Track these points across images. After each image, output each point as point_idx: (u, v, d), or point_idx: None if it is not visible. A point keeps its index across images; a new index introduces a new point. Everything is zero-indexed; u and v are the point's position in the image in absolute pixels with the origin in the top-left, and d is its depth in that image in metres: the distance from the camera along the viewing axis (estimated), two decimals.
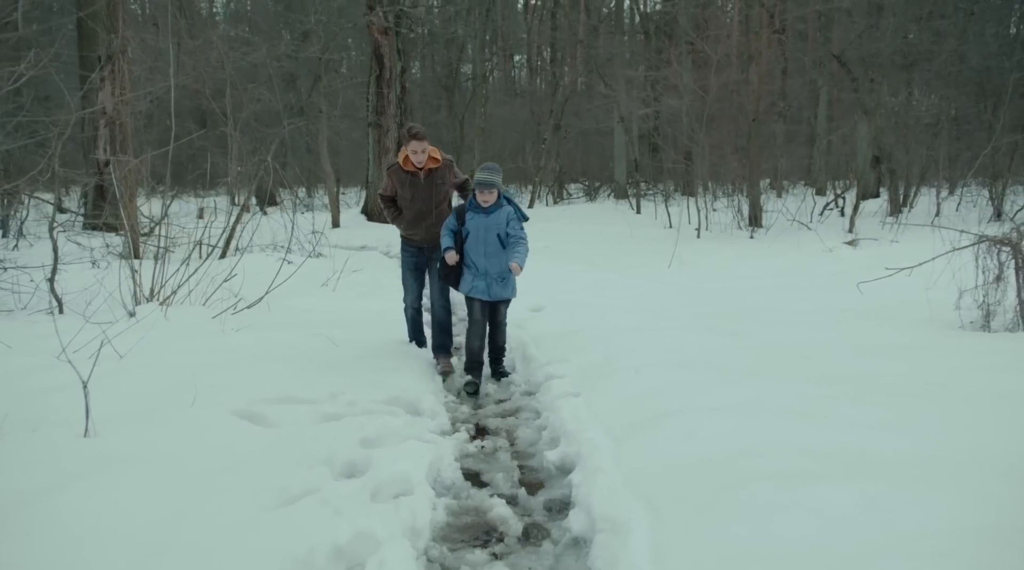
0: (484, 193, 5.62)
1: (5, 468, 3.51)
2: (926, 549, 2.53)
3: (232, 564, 2.76)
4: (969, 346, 5.71)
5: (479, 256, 5.72)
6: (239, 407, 4.54)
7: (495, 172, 5.66)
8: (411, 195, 5.99)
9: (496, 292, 5.78)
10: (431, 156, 5.92)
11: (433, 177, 6.01)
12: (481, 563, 3.14)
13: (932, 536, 2.62)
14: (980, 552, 2.52)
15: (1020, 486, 3.07)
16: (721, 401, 4.35)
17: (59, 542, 2.89)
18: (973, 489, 3.02)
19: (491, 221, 5.68)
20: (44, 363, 5.42)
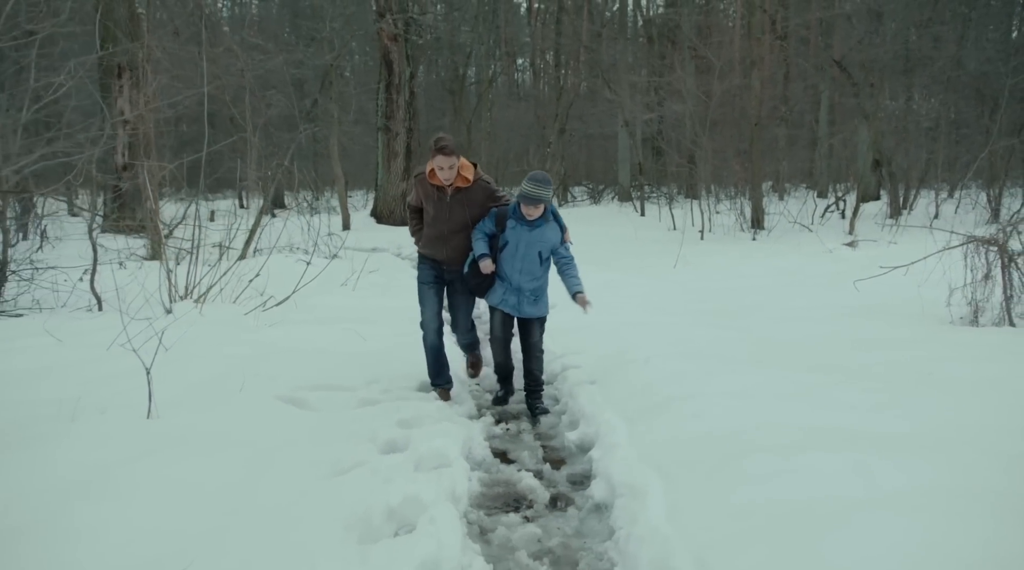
0: (530, 207, 4.96)
1: (83, 444, 3.91)
2: (905, 504, 2.93)
3: (302, 520, 3.17)
4: (957, 339, 6.12)
5: (514, 271, 5.14)
6: (283, 393, 4.96)
7: (546, 186, 4.96)
8: (433, 212, 5.17)
9: (527, 310, 5.23)
10: (461, 174, 5.02)
11: (462, 198, 5.09)
12: (515, 524, 3.54)
13: (910, 494, 3.02)
14: (951, 507, 2.91)
15: (993, 456, 3.46)
16: (726, 387, 4.75)
17: (140, 506, 3.28)
18: (951, 458, 3.42)
19: (535, 237, 5.08)
20: (96, 355, 5.84)
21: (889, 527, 2.76)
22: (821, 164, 26.01)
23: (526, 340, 5.35)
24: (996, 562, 2.52)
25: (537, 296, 5.26)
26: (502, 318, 5.33)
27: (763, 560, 2.69)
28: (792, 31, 25.75)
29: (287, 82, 17.37)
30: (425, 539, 3.02)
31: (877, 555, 2.59)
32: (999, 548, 2.59)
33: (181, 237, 12.29)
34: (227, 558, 2.84)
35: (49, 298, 8.10)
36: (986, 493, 3.04)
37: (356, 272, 10.19)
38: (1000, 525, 2.76)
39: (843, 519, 2.84)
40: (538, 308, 5.28)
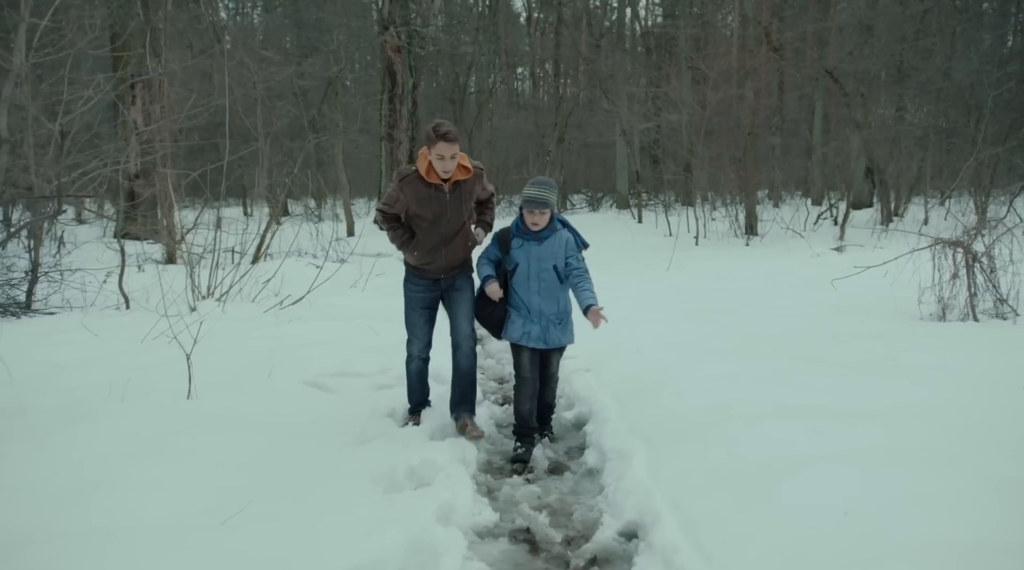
0: (534, 214, 4.38)
1: (136, 419, 4.42)
2: (849, 459, 3.45)
3: (336, 476, 3.68)
4: (923, 333, 6.65)
5: (531, 294, 4.48)
6: (307, 379, 5.48)
7: (549, 188, 4.42)
8: (433, 215, 4.44)
9: (554, 337, 4.52)
10: (461, 164, 4.42)
11: (461, 191, 4.46)
12: (518, 485, 4.06)
13: (855, 452, 3.54)
14: (889, 461, 3.43)
15: (936, 426, 3.99)
16: (708, 372, 5.27)
17: (192, 467, 3.78)
18: (897, 427, 3.95)
19: (545, 250, 4.47)
20: (131, 348, 6.36)
21: (834, 476, 3.28)
22: (815, 172, 26.57)
23: (544, 371, 4.68)
24: (918, 498, 3.03)
25: (563, 320, 4.56)
26: (530, 357, 4.56)
27: (726, 501, 3.21)
28: (787, 43, 26.35)
29: (295, 93, 17.92)
30: (442, 490, 3.53)
31: (820, 496, 3.12)
32: (923, 488, 3.11)
33: (192, 242, 12.88)
34: (279, 501, 3.35)
35: (78, 298, 8.61)
36: (921, 451, 3.57)
37: (364, 275, 10.70)
38: (929, 473, 3.28)
39: (795, 470, 3.36)
40: (566, 334, 4.60)
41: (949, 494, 3.06)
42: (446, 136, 4.24)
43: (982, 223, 7.55)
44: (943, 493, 3.07)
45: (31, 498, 3.32)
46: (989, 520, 2.87)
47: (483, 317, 4.66)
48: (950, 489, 3.11)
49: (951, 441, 3.75)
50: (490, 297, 4.52)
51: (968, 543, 2.69)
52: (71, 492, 3.39)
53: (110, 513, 3.21)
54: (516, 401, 4.63)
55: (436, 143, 4.24)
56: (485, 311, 4.63)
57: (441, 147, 4.25)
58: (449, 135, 4.25)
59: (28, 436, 4.03)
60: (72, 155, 8.73)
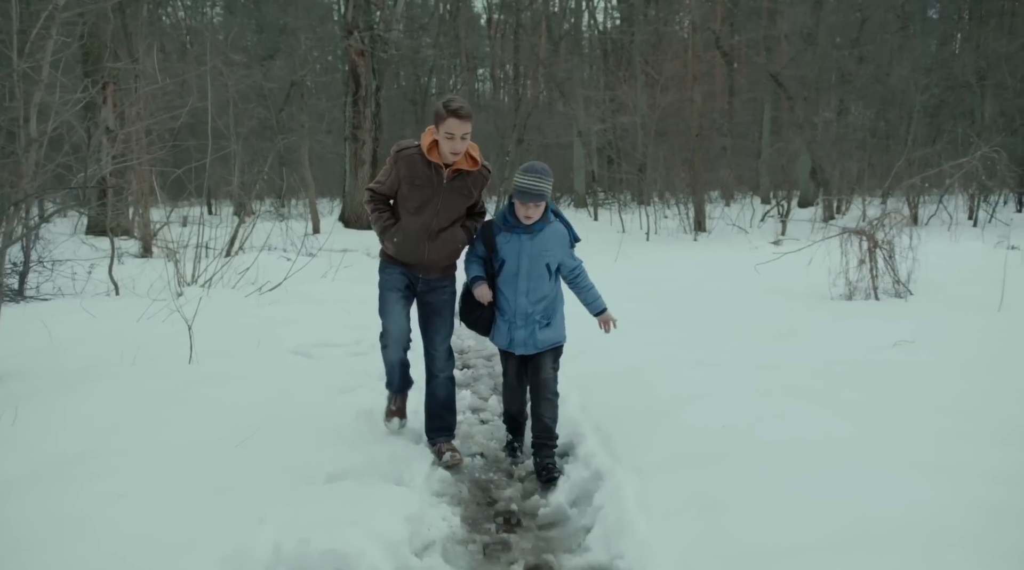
0: (528, 206, 3.90)
1: (146, 378, 5.19)
2: (737, 392, 4.37)
3: (326, 414, 4.50)
4: (829, 308, 7.65)
5: (519, 294, 4.04)
6: (292, 348, 6.29)
7: (545, 177, 3.91)
8: (422, 200, 3.96)
9: (543, 338, 4.10)
10: (470, 153, 3.97)
11: (461, 183, 4.00)
12: (475, 423, 4.93)
13: (743, 388, 4.47)
14: (767, 394, 4.35)
15: (812, 372, 4.93)
16: (639, 338, 6.16)
17: (200, 412, 4.57)
18: (782, 372, 4.88)
19: (538, 245, 4.00)
20: (129, 325, 7.08)
21: (720, 405, 4.20)
22: (763, 172, 27.81)
23: (535, 376, 4.16)
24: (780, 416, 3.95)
25: (549, 316, 4.13)
26: (517, 366, 4.24)
27: (635, 424, 4.12)
28: (736, 48, 27.56)
29: (263, 94, 18.58)
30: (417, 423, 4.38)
31: (707, 417, 4.02)
32: (786, 410, 4.03)
33: (164, 238, 13.54)
34: (281, 431, 4.17)
35: (68, 286, 9.27)
36: (793, 388, 4.51)
37: (334, 267, 11.46)
38: (795, 400, 4.21)
39: (691, 402, 4.28)
40: (554, 331, 4.16)
41: (804, 413, 3.98)
42: (458, 112, 3.74)
43: (884, 215, 8.53)
44: (800, 412, 3.99)
45: (81, 430, 4.09)
46: (834, 428, 3.78)
47: (471, 321, 4.22)
48: (806, 410, 4.03)
49: (821, 382, 4.70)
50: (479, 300, 4.08)
51: (811, 441, 3.59)
52: (112, 426, 4.17)
53: (147, 440, 4.00)
54: (504, 403, 4.41)
55: (446, 120, 3.76)
56: (473, 315, 4.19)
57: (451, 125, 3.75)
58: (461, 111, 3.75)
59: (65, 388, 4.80)
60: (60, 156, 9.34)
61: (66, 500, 3.15)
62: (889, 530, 2.64)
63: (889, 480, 3.01)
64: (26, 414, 4.20)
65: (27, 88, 6.09)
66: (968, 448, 3.40)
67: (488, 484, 4.03)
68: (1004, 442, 3.47)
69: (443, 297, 4.19)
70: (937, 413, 3.96)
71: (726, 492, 3.12)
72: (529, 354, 4.13)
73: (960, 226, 16.69)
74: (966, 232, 15.33)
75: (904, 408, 4.06)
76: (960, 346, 5.53)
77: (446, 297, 4.20)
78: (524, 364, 4.24)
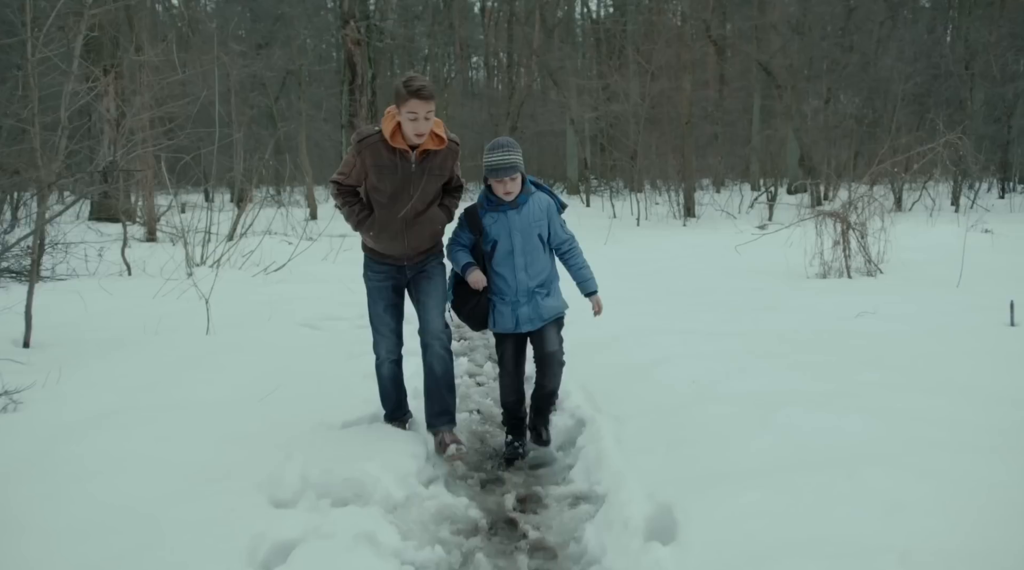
0: (504, 182, 3.80)
1: (172, 345, 5.67)
2: (708, 355, 4.86)
3: (336, 375, 4.98)
4: (804, 286, 8.16)
5: (518, 270, 3.92)
6: (300, 321, 6.77)
7: (512, 149, 3.82)
8: (393, 188, 3.75)
9: (547, 307, 4.00)
10: (433, 131, 3.74)
11: (431, 164, 3.77)
12: (471, 386, 5.40)
13: (714, 352, 4.95)
14: (735, 357, 4.84)
15: (779, 338, 5.42)
16: (623, 311, 6.64)
17: (224, 371, 5.05)
18: (750, 338, 5.37)
19: (525, 217, 3.91)
20: (145, 302, 7.54)
21: (690, 365, 4.70)
22: (753, 159, 28.29)
23: (540, 349, 4.01)
24: (743, 372, 4.44)
25: (548, 287, 4.04)
26: (515, 346, 4.10)
27: (616, 381, 4.63)
28: (729, 38, 27.99)
29: (263, 83, 18.95)
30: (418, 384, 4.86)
31: (677, 376, 4.53)
32: (748, 368, 4.53)
33: (167, 223, 14.00)
34: (299, 388, 4.65)
35: (81, 267, 9.71)
36: (759, 352, 5.00)
37: (334, 250, 11.92)
38: (758, 362, 4.70)
39: (665, 363, 4.77)
40: (555, 299, 4.08)
41: (763, 371, 4.49)
42: (419, 92, 3.52)
43: (857, 199, 9.02)
44: (760, 370, 4.50)
45: (118, 388, 4.57)
46: (788, 382, 4.27)
47: (465, 313, 4.05)
48: (766, 369, 4.53)
49: (783, 346, 5.20)
50: (474, 287, 3.92)
51: (766, 392, 4.08)
52: (144, 385, 4.64)
53: (177, 397, 4.48)
54: (501, 394, 4.19)
55: (408, 100, 3.53)
56: (468, 305, 4.00)
57: (414, 105, 3.54)
58: (423, 91, 3.53)
59: (99, 354, 5.27)
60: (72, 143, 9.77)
61: (120, 442, 3.63)
62: (821, 456, 3.13)
63: (828, 420, 3.51)
64: (68, 375, 4.67)
65: (54, 78, 6.50)
66: (902, 396, 3.90)
67: (484, 434, 4.52)
68: (933, 392, 3.98)
69: (432, 263, 4.00)
70: (882, 371, 4.46)
71: (689, 432, 3.61)
72: (534, 330, 3.98)
73: (943, 212, 17.18)
74: (947, 217, 15.83)
75: (853, 366, 4.57)
76: (915, 317, 6.04)
77: (434, 263, 4.01)
78: (521, 347, 4.09)
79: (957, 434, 3.35)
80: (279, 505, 3.11)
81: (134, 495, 3.11)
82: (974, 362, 4.59)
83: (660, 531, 2.75)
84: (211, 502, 3.07)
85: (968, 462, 3.00)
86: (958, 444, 3.21)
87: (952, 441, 3.25)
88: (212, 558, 2.63)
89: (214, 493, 3.15)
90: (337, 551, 2.66)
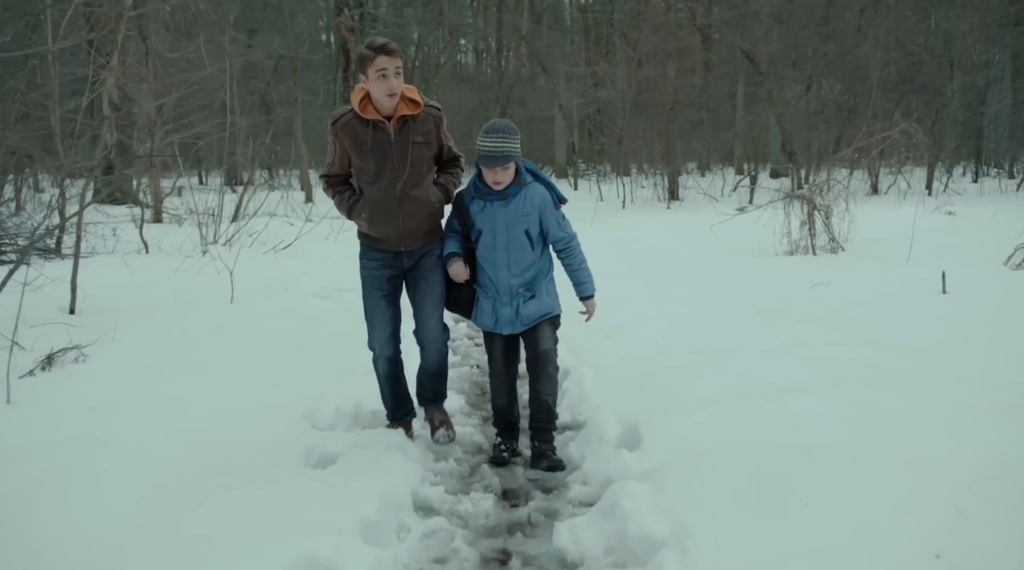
0: (496, 171, 3.56)
1: (203, 312, 6.37)
2: (673, 318, 5.60)
3: (354, 338, 5.63)
4: (771, 262, 8.91)
5: (500, 268, 3.70)
6: (313, 292, 7.47)
7: (509, 135, 3.56)
8: (376, 163, 3.53)
9: (528, 313, 3.74)
10: (406, 96, 3.53)
11: (411, 131, 3.55)
12: (471, 346, 6.12)
13: (679, 315, 5.70)
14: (697, 318, 5.58)
15: (739, 301, 6.17)
16: (600, 284, 7.35)
17: (254, 334, 5.75)
18: (713, 303, 6.12)
19: (513, 212, 3.65)
20: (166, 278, 8.20)
21: (659, 325, 5.44)
22: (737, 144, 29.04)
23: (532, 349, 3.80)
24: (704, 331, 5.18)
25: (534, 289, 3.77)
26: (503, 344, 3.87)
27: (596, 339, 5.33)
28: (715, 25, 28.65)
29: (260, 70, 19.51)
30: None
31: (647, 334, 5.27)
32: (710, 327, 5.27)
33: (176, 205, 14.64)
34: (319, 347, 5.37)
35: (99, 246, 10.36)
36: (720, 314, 5.75)
37: (335, 230, 12.59)
38: (722, 323, 5.44)
39: (636, 324, 5.51)
40: (539, 303, 3.78)
41: (724, 329, 5.23)
42: (384, 47, 3.38)
43: (823, 182, 9.76)
44: (721, 329, 5.25)
45: (166, 345, 5.28)
46: (744, 338, 5.00)
47: (450, 300, 3.86)
48: (726, 327, 5.28)
49: (744, 309, 5.94)
50: (453, 278, 3.73)
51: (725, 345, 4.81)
52: (188, 342, 5.36)
53: (219, 352, 5.19)
54: (491, 395, 3.99)
55: (375, 59, 3.36)
56: (451, 294, 3.83)
57: (382, 61, 3.35)
58: (388, 46, 3.39)
59: (140, 319, 5.99)
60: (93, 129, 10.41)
61: (179, 387, 4.35)
62: (758, 390, 3.87)
63: (769, 364, 4.26)
64: (122, 335, 5.37)
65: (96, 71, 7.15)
66: (836, 348, 4.66)
67: (484, 384, 5.24)
68: (862, 345, 4.74)
69: (430, 261, 3.75)
70: (823, 330, 5.22)
71: (656, 376, 4.35)
72: (517, 332, 3.77)
73: (917, 195, 17.96)
74: (918, 201, 16.60)
75: (800, 326, 5.33)
76: (862, 285, 6.80)
77: (433, 260, 3.76)
78: (512, 346, 3.87)
79: (874, 375, 4.10)
80: (322, 429, 3.84)
81: (202, 426, 3.82)
82: (902, 322, 5.34)
83: (628, 442, 3.50)
84: (266, 429, 3.79)
85: (878, 394, 3.75)
86: (873, 382, 3.96)
87: (868, 379, 4.01)
88: (277, 464, 3.35)
89: (267, 422, 3.87)
90: (375, 456, 3.38)
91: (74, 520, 2.82)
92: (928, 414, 3.45)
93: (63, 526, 2.77)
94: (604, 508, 2.94)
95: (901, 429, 3.28)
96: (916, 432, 3.24)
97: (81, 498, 2.97)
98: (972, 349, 4.64)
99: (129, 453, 3.43)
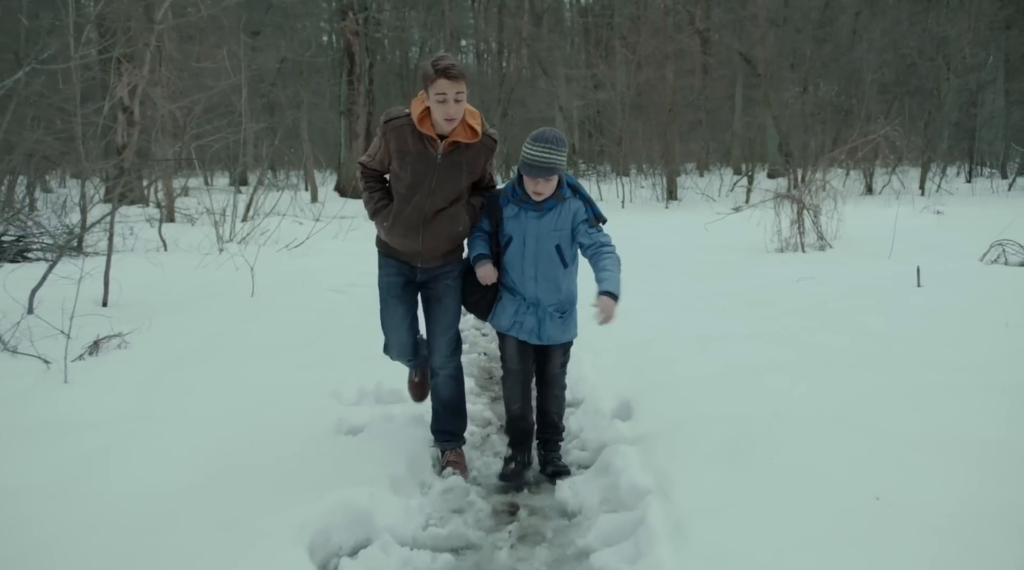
0: (537, 182, 3.46)
1: (227, 304, 6.81)
2: (671, 308, 6.05)
3: (370, 328, 6.12)
4: (762, 258, 9.36)
5: (526, 278, 3.62)
6: (328, 287, 7.91)
7: (557, 147, 3.45)
8: (414, 178, 3.48)
9: (550, 333, 3.69)
10: (467, 121, 3.44)
11: (460, 157, 3.49)
12: (479, 339, 6.57)
13: (674, 306, 6.14)
14: (689, 307, 6.02)
15: (731, 293, 6.62)
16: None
17: (275, 325, 6.18)
18: (706, 294, 6.56)
19: (546, 225, 3.58)
20: (187, 274, 8.62)
21: (657, 314, 5.88)
22: (735, 145, 29.51)
23: (543, 368, 3.82)
24: (694, 319, 5.62)
25: (564, 312, 3.75)
26: (518, 346, 3.73)
27: (593, 328, 5.76)
28: (714, 28, 29.11)
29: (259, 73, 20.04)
30: None
31: (648, 323, 5.69)
32: (699, 314, 5.71)
33: (182, 206, 15.10)
34: (339, 335, 5.81)
35: (119, 243, 10.79)
36: (711, 303, 6.20)
37: (344, 229, 13.05)
38: (715, 312, 5.89)
39: (636, 314, 5.93)
40: (566, 330, 3.78)
41: (712, 319, 5.68)
42: (447, 71, 3.25)
43: (811, 182, 10.20)
44: (709, 319, 5.69)
45: (197, 334, 5.72)
46: (730, 327, 5.45)
47: (471, 303, 3.76)
48: (714, 317, 5.72)
49: (733, 301, 6.38)
50: (481, 281, 3.61)
51: (712, 334, 5.25)
52: (217, 332, 5.80)
53: (246, 340, 5.63)
54: (504, 399, 3.85)
55: (435, 81, 3.26)
56: (474, 296, 3.71)
57: (442, 85, 3.26)
58: (452, 70, 3.27)
59: (171, 311, 6.42)
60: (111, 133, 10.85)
61: (215, 370, 4.80)
62: (738, 371, 4.32)
63: (751, 349, 4.71)
64: (157, 325, 5.81)
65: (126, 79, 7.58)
66: (814, 335, 5.11)
67: (491, 370, 5.69)
68: (838, 332, 5.19)
69: (445, 282, 3.67)
70: (804, 319, 5.67)
71: (648, 359, 4.81)
72: (533, 344, 3.68)
73: (911, 195, 18.40)
74: (911, 200, 17.04)
75: (783, 316, 5.78)
76: (843, 280, 7.25)
77: (449, 282, 3.67)
78: (524, 348, 3.70)
79: (845, 358, 4.55)
80: (348, 404, 4.29)
81: (239, 402, 4.26)
82: (877, 312, 5.80)
83: (621, 414, 3.96)
84: (297, 403, 4.23)
85: (848, 374, 4.20)
86: (844, 364, 4.42)
87: (840, 362, 4.46)
88: (312, 432, 3.80)
89: (297, 399, 4.32)
90: (399, 426, 3.84)
91: (140, 477, 3.26)
92: (888, 389, 3.90)
93: (136, 480, 3.22)
94: (599, 467, 3.40)
95: (862, 402, 3.72)
96: (876, 404, 3.68)
97: (147, 459, 3.42)
98: (939, 336, 5.09)
99: (180, 424, 3.87)
